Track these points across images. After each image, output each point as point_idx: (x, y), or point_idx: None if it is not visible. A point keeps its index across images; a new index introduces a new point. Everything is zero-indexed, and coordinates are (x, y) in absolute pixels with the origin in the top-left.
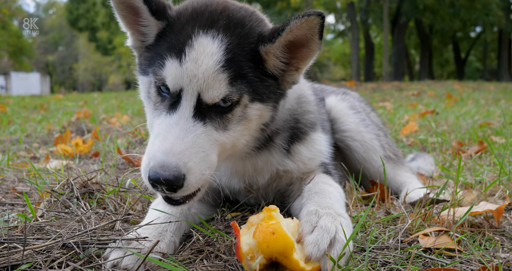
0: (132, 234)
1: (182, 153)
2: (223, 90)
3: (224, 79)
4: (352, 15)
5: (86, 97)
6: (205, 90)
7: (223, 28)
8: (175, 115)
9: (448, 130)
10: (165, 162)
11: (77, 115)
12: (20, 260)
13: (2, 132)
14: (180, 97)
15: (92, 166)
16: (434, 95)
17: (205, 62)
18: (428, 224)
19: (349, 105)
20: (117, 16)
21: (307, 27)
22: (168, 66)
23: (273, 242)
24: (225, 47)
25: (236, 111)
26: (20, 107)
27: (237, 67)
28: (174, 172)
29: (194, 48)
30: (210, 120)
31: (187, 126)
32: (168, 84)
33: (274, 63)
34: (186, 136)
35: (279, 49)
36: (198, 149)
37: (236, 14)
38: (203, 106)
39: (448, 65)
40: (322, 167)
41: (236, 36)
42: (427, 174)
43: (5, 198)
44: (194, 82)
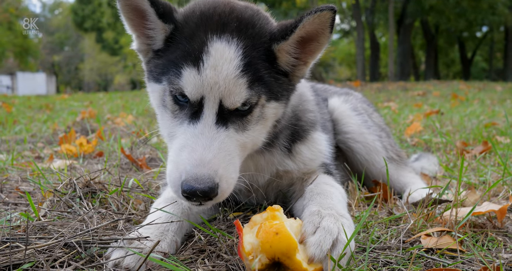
0: (134, 233)
1: (212, 162)
2: (244, 94)
3: (244, 84)
4: (357, 15)
5: (91, 97)
6: (226, 97)
7: (236, 31)
8: (199, 124)
9: (452, 131)
10: (198, 174)
11: (82, 115)
12: (22, 259)
13: (7, 132)
14: (201, 106)
15: (96, 165)
16: (440, 96)
17: (225, 68)
18: (430, 224)
19: (351, 107)
20: (122, 18)
21: (319, 22)
22: (186, 76)
23: (276, 242)
24: (242, 51)
25: (255, 112)
26: (25, 107)
27: (254, 70)
28: (209, 183)
29: (211, 54)
30: (231, 123)
31: (212, 134)
32: (187, 94)
33: (286, 60)
34: (212, 144)
35: (291, 46)
36: (224, 153)
37: (244, 14)
38: (225, 111)
39: (454, 65)
40: (323, 168)
41: (249, 37)
42: (431, 174)
43: (8, 197)
44: (215, 90)
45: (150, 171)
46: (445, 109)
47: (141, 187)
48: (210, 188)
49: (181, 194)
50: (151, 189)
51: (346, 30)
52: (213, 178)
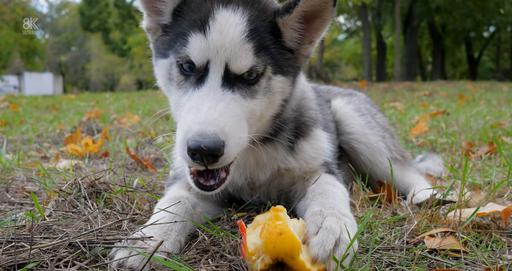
0: (138, 233)
1: (217, 120)
2: (250, 60)
3: (250, 49)
4: (364, 15)
5: (98, 97)
6: (233, 60)
7: (242, 2)
8: (204, 87)
9: (458, 131)
10: (203, 130)
11: (88, 115)
12: (27, 259)
13: (14, 132)
14: (207, 70)
15: (101, 165)
16: (446, 96)
17: (231, 32)
18: (434, 225)
19: (354, 108)
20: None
21: None
22: (192, 41)
23: (280, 242)
24: (247, 19)
25: (262, 82)
26: (32, 107)
27: (260, 38)
28: (214, 138)
29: (217, 20)
30: (238, 89)
31: (217, 95)
32: (193, 59)
33: (291, 35)
34: (217, 104)
35: (295, 20)
36: (231, 114)
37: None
38: (231, 76)
39: (461, 65)
40: (325, 167)
41: (255, 9)
42: (436, 174)
43: (14, 197)
44: (221, 52)
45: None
46: (451, 109)
47: (145, 187)
48: (215, 143)
49: (187, 153)
50: (155, 189)
51: (352, 30)
52: (218, 134)
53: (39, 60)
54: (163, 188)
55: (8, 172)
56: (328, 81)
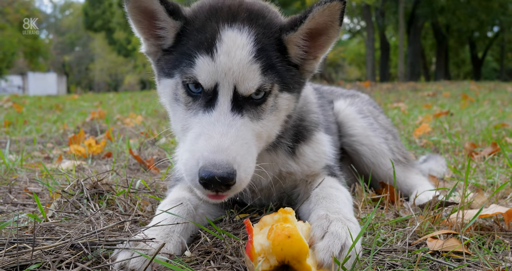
0: (140, 235)
1: (230, 149)
2: (258, 80)
3: (257, 69)
4: (367, 15)
5: (101, 98)
6: (241, 82)
7: (246, 20)
8: (215, 112)
9: (462, 132)
10: (216, 160)
11: (91, 115)
12: (29, 260)
13: (17, 132)
14: (216, 93)
15: (104, 166)
16: (450, 96)
17: (238, 54)
18: (437, 226)
19: (357, 110)
20: (131, 21)
21: (328, 13)
22: (200, 64)
23: (288, 245)
24: (254, 38)
25: (269, 101)
26: (36, 108)
27: (267, 57)
28: (227, 169)
29: (223, 41)
30: (246, 111)
31: (228, 121)
32: (201, 81)
33: (296, 52)
34: (228, 131)
35: (301, 38)
36: (242, 141)
37: (253, 6)
38: (239, 98)
39: (465, 66)
40: (327, 170)
41: (260, 26)
42: (439, 175)
43: (17, 198)
44: (229, 75)
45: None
46: (455, 110)
47: (148, 188)
48: (229, 173)
49: (198, 181)
50: (158, 190)
51: (356, 30)
52: (231, 164)
53: (43, 60)
54: (166, 189)
55: (11, 173)
56: (331, 82)
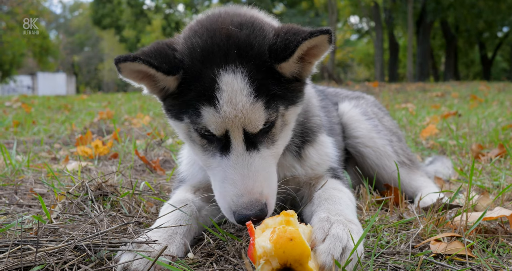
0: (143, 237)
1: (255, 187)
2: (263, 117)
3: (260, 107)
4: (376, 15)
5: (110, 98)
6: (248, 124)
7: (237, 58)
8: (232, 155)
9: (469, 133)
10: (246, 202)
11: (99, 116)
12: (32, 262)
13: (26, 133)
14: (228, 137)
15: (110, 167)
16: (459, 97)
17: (239, 100)
18: (441, 229)
19: (361, 112)
20: (128, 80)
21: (316, 42)
22: (206, 115)
23: (290, 248)
24: (249, 78)
25: (277, 123)
26: (44, 108)
27: (265, 91)
28: (258, 207)
29: (223, 90)
30: (260, 144)
31: (246, 161)
32: (212, 131)
33: (290, 70)
34: (249, 171)
35: (293, 63)
36: (263, 173)
37: (240, 36)
38: (251, 136)
39: (474, 66)
40: (330, 172)
41: (251, 60)
42: (445, 177)
43: (23, 199)
44: (236, 122)
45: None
46: (463, 110)
47: (152, 190)
48: (261, 210)
49: (236, 222)
50: (162, 192)
51: (364, 30)
52: (260, 200)
53: (53, 60)
54: (170, 190)
55: (18, 174)
56: (340, 82)
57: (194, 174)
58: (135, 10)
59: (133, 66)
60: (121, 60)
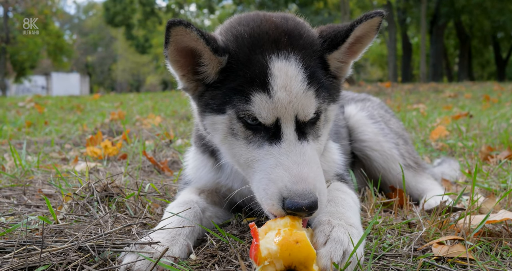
0: (146, 238)
1: (309, 177)
2: (315, 104)
3: (312, 94)
4: (389, 15)
5: (122, 98)
6: (301, 111)
7: (289, 46)
8: (284, 143)
9: (479, 134)
10: (301, 190)
11: (111, 116)
12: (37, 262)
13: (38, 133)
14: (278, 126)
15: (119, 168)
16: (472, 97)
17: (294, 86)
18: (444, 232)
19: (367, 115)
20: (169, 62)
21: (368, 27)
22: (258, 101)
23: (296, 250)
24: (302, 64)
25: (322, 117)
26: (57, 108)
27: (317, 79)
28: (312, 198)
29: (277, 76)
30: (308, 135)
31: (299, 150)
32: (261, 119)
33: (335, 65)
34: (303, 160)
35: (342, 53)
36: (315, 166)
37: (288, 26)
38: (301, 125)
39: (489, 66)
40: (337, 178)
41: (302, 48)
42: (452, 179)
43: (31, 200)
44: (290, 108)
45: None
46: (475, 111)
47: (158, 192)
48: (314, 202)
49: (284, 211)
50: (168, 193)
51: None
52: (314, 192)
53: (67, 59)
54: (176, 191)
55: (28, 174)
56: (352, 82)
57: (200, 177)
58: (146, 8)
59: (185, 34)
60: (175, 23)
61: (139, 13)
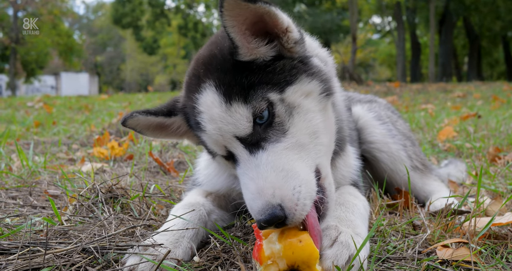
0: (149, 240)
1: (265, 188)
2: (245, 114)
3: (238, 107)
4: (398, 15)
5: (130, 98)
6: (235, 130)
7: (205, 76)
8: (241, 163)
9: (487, 135)
10: (259, 206)
11: (119, 116)
12: (41, 264)
13: (46, 133)
14: (230, 151)
15: (125, 168)
16: (481, 97)
17: (215, 113)
18: (449, 234)
19: (375, 116)
20: (150, 137)
21: (237, 11)
22: (205, 141)
23: (299, 249)
24: (216, 88)
25: (279, 111)
26: (65, 108)
27: (238, 88)
28: (269, 210)
29: (201, 111)
30: (264, 141)
31: (252, 165)
32: (218, 152)
33: (260, 52)
34: (258, 173)
35: (252, 45)
36: (274, 172)
37: (204, 55)
38: (248, 139)
39: (498, 66)
40: (351, 182)
41: (216, 70)
42: (458, 181)
43: (37, 201)
44: (224, 134)
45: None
46: (484, 112)
47: (163, 193)
48: (271, 214)
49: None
50: (173, 195)
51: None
52: (271, 203)
53: (77, 59)
54: (181, 193)
55: (34, 175)
56: (360, 82)
57: (215, 183)
58: (155, 10)
59: (133, 121)
60: (122, 121)
61: (148, 14)
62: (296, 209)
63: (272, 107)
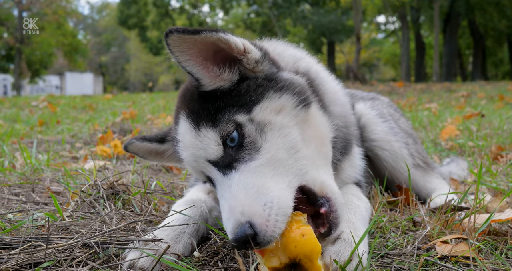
0: (150, 235)
1: (236, 208)
2: (213, 138)
3: (206, 131)
4: (402, 14)
5: (134, 98)
6: (206, 155)
7: (181, 107)
8: (218, 186)
9: (490, 134)
10: (232, 226)
11: (123, 115)
12: (42, 258)
13: (50, 132)
14: (207, 175)
15: (128, 166)
16: (485, 97)
17: (187, 140)
18: (449, 231)
19: (378, 113)
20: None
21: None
22: (187, 168)
23: (302, 243)
24: (187, 116)
25: (248, 131)
26: (69, 108)
27: (205, 114)
28: (237, 229)
29: (178, 140)
30: (236, 161)
31: (226, 186)
32: (199, 178)
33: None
34: (230, 193)
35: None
36: (244, 191)
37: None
38: (220, 162)
39: (503, 65)
40: (355, 182)
41: (187, 100)
42: (460, 179)
43: (39, 197)
44: (198, 159)
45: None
46: (488, 111)
47: (164, 190)
48: (241, 233)
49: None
50: (174, 191)
51: (391, 30)
52: (239, 220)
53: (81, 59)
54: (183, 189)
55: (38, 172)
56: (364, 82)
57: None
58: (160, 10)
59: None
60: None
61: (153, 14)
62: (267, 225)
63: (241, 128)
